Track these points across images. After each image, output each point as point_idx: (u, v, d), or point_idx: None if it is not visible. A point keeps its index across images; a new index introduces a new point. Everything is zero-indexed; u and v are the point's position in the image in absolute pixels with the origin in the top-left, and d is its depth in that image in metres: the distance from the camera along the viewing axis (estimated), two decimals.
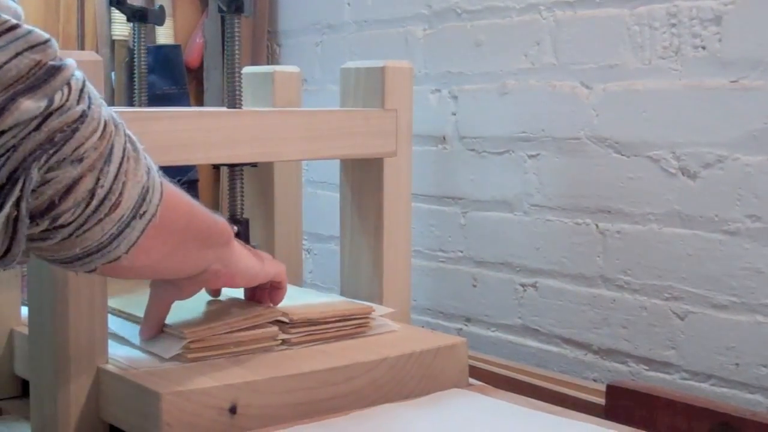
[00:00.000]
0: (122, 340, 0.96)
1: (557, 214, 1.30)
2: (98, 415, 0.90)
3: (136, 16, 1.16)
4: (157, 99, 1.61)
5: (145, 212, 0.71)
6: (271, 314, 0.97)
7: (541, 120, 1.31)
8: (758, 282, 1.09)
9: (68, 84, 0.64)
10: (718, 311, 1.13)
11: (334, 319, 1.00)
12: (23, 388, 1.04)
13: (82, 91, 0.65)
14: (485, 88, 1.39)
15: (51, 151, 0.63)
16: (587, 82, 1.25)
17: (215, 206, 1.74)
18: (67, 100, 0.63)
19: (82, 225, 0.66)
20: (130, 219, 0.70)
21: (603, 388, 1.07)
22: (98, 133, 0.65)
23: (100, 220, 0.67)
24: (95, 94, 0.67)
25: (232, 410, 0.84)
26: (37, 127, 0.62)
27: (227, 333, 0.93)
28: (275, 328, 0.97)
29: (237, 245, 0.92)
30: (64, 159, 0.63)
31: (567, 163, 1.28)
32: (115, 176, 0.67)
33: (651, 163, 1.18)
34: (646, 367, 1.21)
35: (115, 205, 0.68)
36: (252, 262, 0.94)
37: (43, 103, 0.62)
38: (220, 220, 0.88)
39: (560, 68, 1.29)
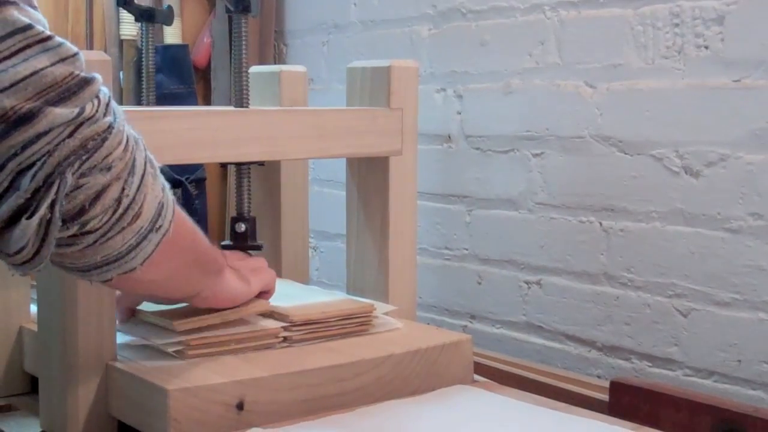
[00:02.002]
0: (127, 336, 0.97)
1: (561, 212, 1.30)
2: (107, 412, 0.91)
3: (144, 16, 1.17)
4: (164, 98, 1.62)
5: (160, 226, 0.74)
6: (260, 307, 0.98)
7: (546, 119, 1.32)
8: (760, 279, 1.10)
9: (97, 96, 0.67)
10: (721, 308, 1.13)
11: (335, 318, 1.01)
12: (32, 385, 1.04)
13: (108, 104, 0.68)
14: (490, 88, 1.39)
15: (84, 158, 0.65)
16: (591, 82, 1.26)
17: (222, 204, 1.75)
18: (96, 111, 0.66)
19: (106, 233, 0.69)
20: (148, 232, 0.72)
21: (606, 384, 1.07)
22: (123, 145, 0.68)
23: (123, 228, 0.70)
24: (118, 109, 0.70)
25: (239, 406, 0.85)
26: (71, 134, 0.64)
27: (220, 325, 0.94)
28: (277, 326, 0.97)
29: (228, 271, 0.93)
30: (95, 166, 0.66)
31: (571, 161, 1.29)
32: (138, 187, 0.70)
33: (654, 162, 1.19)
34: (650, 364, 1.21)
35: (137, 215, 0.70)
36: (237, 286, 0.95)
37: (75, 110, 0.64)
38: (216, 249, 0.90)
39: (564, 68, 1.29)
